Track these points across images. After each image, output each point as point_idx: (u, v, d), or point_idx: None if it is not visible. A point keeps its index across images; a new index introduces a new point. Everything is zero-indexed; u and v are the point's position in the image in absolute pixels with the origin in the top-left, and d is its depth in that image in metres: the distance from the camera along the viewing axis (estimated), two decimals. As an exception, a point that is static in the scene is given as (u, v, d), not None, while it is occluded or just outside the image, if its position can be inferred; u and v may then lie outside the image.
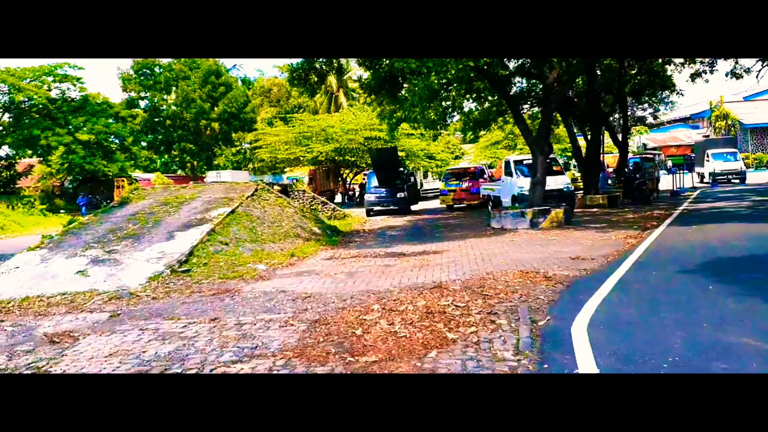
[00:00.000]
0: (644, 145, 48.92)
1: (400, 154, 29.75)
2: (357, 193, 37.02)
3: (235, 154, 62.46)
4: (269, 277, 9.72)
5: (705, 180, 34.54)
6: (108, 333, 6.58)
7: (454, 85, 18.76)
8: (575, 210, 18.14)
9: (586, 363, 4.60)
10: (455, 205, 26.02)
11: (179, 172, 60.28)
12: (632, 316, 6.01)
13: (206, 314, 7.17)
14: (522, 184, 18.42)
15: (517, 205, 17.47)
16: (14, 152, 42.96)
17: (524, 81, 22.70)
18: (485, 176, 27.21)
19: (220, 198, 15.14)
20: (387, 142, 30.12)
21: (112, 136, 43.28)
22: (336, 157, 33.72)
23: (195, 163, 62.07)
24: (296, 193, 24.05)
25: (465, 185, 25.66)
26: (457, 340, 5.47)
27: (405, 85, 16.48)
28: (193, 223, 12.67)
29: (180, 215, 13.55)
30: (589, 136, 23.18)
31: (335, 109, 50.46)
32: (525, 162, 19.65)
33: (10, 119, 39.27)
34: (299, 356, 5.26)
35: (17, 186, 40.78)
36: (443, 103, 21.47)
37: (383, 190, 25.39)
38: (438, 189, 38.36)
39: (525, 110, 23.78)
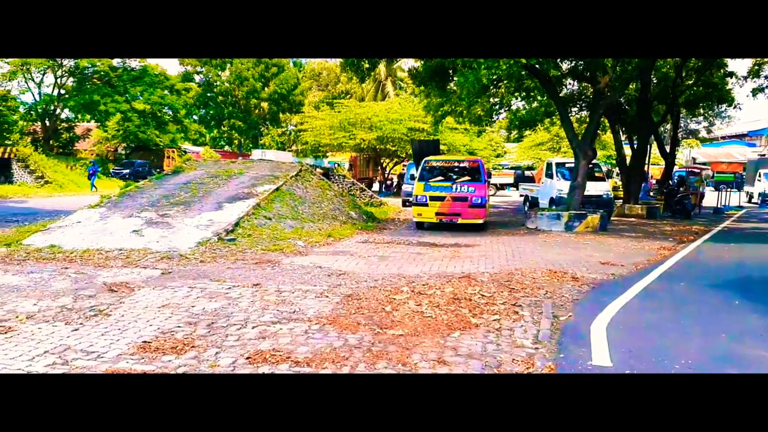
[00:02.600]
0: (693, 159, 47.93)
1: (441, 147, 29.95)
2: (395, 183, 37.37)
3: (280, 134, 63.57)
4: (307, 253, 10.24)
5: (753, 200, 33.77)
6: (160, 287, 7.19)
7: (504, 81, 18.94)
8: (612, 218, 18.19)
9: (600, 357, 4.93)
10: (441, 220, 14.54)
11: (226, 147, 61.67)
12: (653, 320, 6.27)
13: (249, 279, 7.73)
14: (561, 187, 18.50)
15: (554, 207, 17.62)
16: (75, 116, 44.63)
17: (576, 83, 22.59)
18: (489, 180, 18.07)
19: (267, 175, 15.75)
20: (430, 134, 30.38)
21: (167, 108, 44.75)
22: (378, 146, 34.10)
23: (242, 140, 63.37)
24: (337, 177, 24.58)
25: (460, 190, 14.71)
26: (480, 325, 5.86)
27: (455, 78, 16.71)
28: (241, 196, 13.30)
29: (228, 188, 14.21)
30: (635, 145, 23.01)
31: (382, 98, 50.78)
32: (567, 165, 19.70)
33: (74, 83, 40.91)
34: (332, 323, 5.74)
35: (75, 148, 42.47)
36: (491, 100, 21.65)
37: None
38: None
39: (573, 113, 23.63)
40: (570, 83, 22.44)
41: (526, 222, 16.10)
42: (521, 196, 24.12)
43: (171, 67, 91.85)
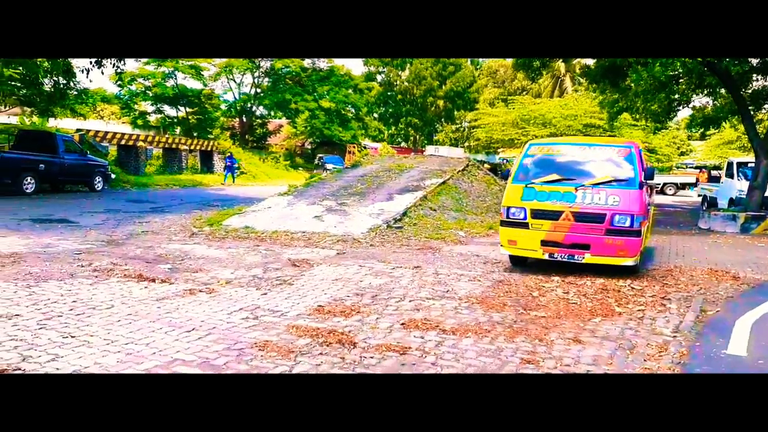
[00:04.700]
0: None
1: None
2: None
3: (454, 131, 64.55)
4: (467, 242, 10.81)
5: None
6: (335, 265, 8.21)
7: (683, 78, 17.89)
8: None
9: (737, 347, 4.95)
10: (552, 256, 7.80)
11: (403, 144, 64.01)
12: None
13: (411, 262, 8.50)
14: (742, 187, 17.14)
15: (732, 208, 16.40)
16: (268, 113, 49.33)
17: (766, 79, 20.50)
18: (649, 182, 8.58)
19: (435, 170, 16.57)
20: (606, 131, 29.28)
21: (350, 106, 47.83)
22: (550, 142, 33.55)
23: (417, 136, 65.35)
24: (505, 172, 24.76)
25: (590, 200, 7.64)
26: (623, 314, 6.03)
27: (630, 76, 16.18)
28: (410, 188, 14.24)
29: (399, 181, 15.24)
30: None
31: (559, 94, 49.53)
32: (749, 165, 18.13)
33: (269, 83, 45.30)
34: (480, 303, 6.27)
35: (267, 142, 47.02)
36: (670, 96, 20.47)
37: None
38: (654, 184, 36.06)
39: (766, 110, 21.48)
40: (757, 78, 20.41)
41: (699, 222, 15.22)
42: (699, 196, 22.52)
43: (355, 67, 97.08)
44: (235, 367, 4.23)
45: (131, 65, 42.36)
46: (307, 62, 44.47)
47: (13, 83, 25.99)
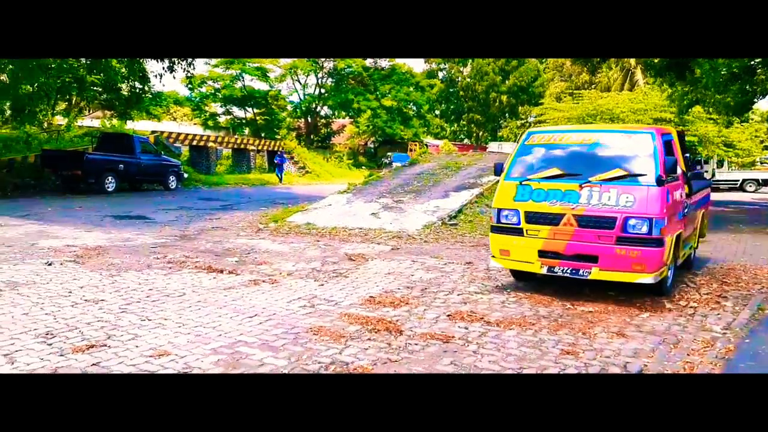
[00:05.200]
0: None
1: (690, 139, 27.72)
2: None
3: (519, 126, 63.74)
4: (523, 239, 10.94)
5: None
6: (389, 259, 8.57)
7: (760, 69, 17.23)
8: None
9: (785, 344, 4.97)
10: (552, 270, 6.35)
11: (465, 140, 63.84)
12: None
13: (463, 258, 8.75)
14: None
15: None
16: (332, 113, 50.30)
17: None
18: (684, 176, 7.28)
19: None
20: (677, 125, 28.40)
21: (411, 104, 48.19)
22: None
23: (480, 133, 65.01)
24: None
25: (597, 200, 6.16)
26: (673, 310, 6.09)
27: (697, 69, 15.75)
28: (466, 186, 14.43)
29: (456, 178, 15.46)
30: None
31: (630, 87, 48.11)
32: None
33: (332, 84, 46.21)
34: (528, 298, 6.46)
35: (331, 142, 47.97)
36: (745, 87, 19.73)
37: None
38: (733, 180, 34.63)
39: None
40: None
41: (777, 220, 14.65)
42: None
43: (416, 65, 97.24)
44: (291, 348, 4.64)
45: (201, 68, 44.11)
46: (368, 62, 45.12)
47: (95, 88, 27.72)
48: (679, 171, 6.57)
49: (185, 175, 23.77)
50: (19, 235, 9.99)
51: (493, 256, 6.83)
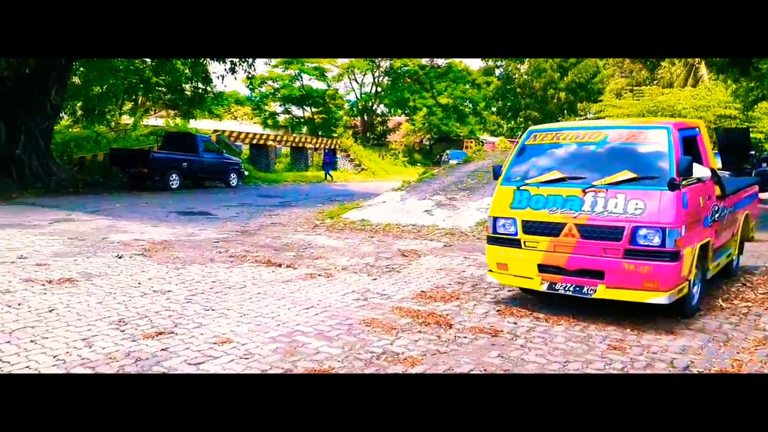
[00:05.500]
0: None
1: (757, 136, 26.60)
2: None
3: (578, 124, 62.63)
4: (577, 237, 10.88)
5: None
6: (441, 256, 8.73)
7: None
8: None
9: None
10: (553, 286, 5.63)
11: (522, 138, 62.97)
12: None
13: (515, 255, 8.82)
14: None
15: None
16: (388, 111, 50.65)
17: None
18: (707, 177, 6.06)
19: (550, 165, 16.52)
20: (743, 122, 27.37)
21: (467, 101, 48.03)
22: (676, 134, 31.81)
23: (538, 130, 64.04)
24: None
25: (603, 207, 5.41)
26: (727, 309, 6.03)
27: (762, 66, 15.18)
28: (521, 184, 14.40)
29: (511, 176, 15.41)
30: None
31: (693, 83, 46.53)
32: None
33: (389, 82, 46.54)
34: (578, 294, 6.51)
35: (386, 140, 48.34)
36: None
37: (727, 173, 23.35)
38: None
39: None
40: None
41: None
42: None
43: (473, 62, 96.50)
44: (345, 338, 4.88)
45: (261, 69, 45.21)
46: (425, 60, 45.21)
47: (159, 89, 28.91)
48: (698, 172, 5.64)
49: (245, 173, 24.49)
50: (90, 230, 10.63)
51: (490, 271, 6.17)
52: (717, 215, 6.25)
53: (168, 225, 11.59)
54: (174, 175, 20.15)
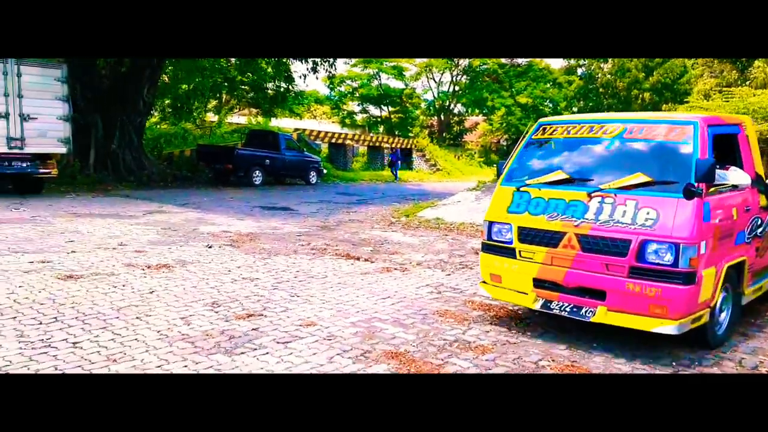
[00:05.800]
0: None
1: None
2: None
3: (663, 125, 60.33)
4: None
5: None
6: (514, 254, 8.90)
7: None
8: None
9: None
10: (548, 304, 4.92)
11: (603, 139, 61.21)
12: None
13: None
14: None
15: None
16: (466, 110, 50.54)
17: None
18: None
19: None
20: None
21: (548, 101, 47.15)
22: (770, 138, 30.21)
23: (620, 131, 62.11)
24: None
25: (608, 216, 4.64)
26: None
27: None
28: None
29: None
30: None
31: (792, 83, 43.89)
32: None
33: (467, 81, 46.43)
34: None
35: (462, 140, 48.26)
36: None
37: None
38: None
39: None
40: None
41: None
42: None
43: (554, 61, 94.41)
44: (420, 326, 5.21)
45: (340, 68, 46.17)
46: (504, 59, 44.82)
47: (243, 87, 30.11)
48: (732, 178, 4.91)
49: (324, 171, 25.18)
50: (181, 221, 11.42)
51: (483, 282, 5.46)
52: (760, 230, 5.38)
53: (253, 218, 12.27)
54: (257, 172, 21.03)
